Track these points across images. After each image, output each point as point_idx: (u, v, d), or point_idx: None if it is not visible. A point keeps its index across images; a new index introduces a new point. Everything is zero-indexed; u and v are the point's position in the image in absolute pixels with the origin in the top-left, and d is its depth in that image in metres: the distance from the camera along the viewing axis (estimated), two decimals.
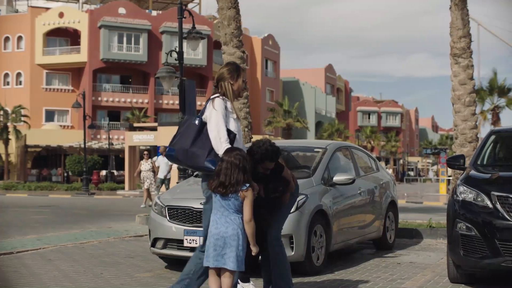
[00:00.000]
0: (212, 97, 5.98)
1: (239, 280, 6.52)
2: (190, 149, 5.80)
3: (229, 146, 5.73)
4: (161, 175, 22.60)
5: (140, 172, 23.29)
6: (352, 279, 8.09)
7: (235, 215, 5.56)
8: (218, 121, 5.79)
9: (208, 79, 63.04)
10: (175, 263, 9.05)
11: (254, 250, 5.63)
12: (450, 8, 14.14)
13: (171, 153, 5.90)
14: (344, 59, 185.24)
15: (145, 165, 23.33)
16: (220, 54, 18.06)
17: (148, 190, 22.79)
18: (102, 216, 19.08)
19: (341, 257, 9.86)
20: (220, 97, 5.94)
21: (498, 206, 7.01)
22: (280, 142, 15.18)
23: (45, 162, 56.89)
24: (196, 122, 5.90)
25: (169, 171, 22.71)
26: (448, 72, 14.15)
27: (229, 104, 5.93)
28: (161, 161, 22.78)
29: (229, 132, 5.82)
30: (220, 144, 5.73)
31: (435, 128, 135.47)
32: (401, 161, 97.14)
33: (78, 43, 60.10)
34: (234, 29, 15.65)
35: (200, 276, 6.01)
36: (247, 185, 5.55)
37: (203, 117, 5.90)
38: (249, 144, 6.66)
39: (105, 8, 60.43)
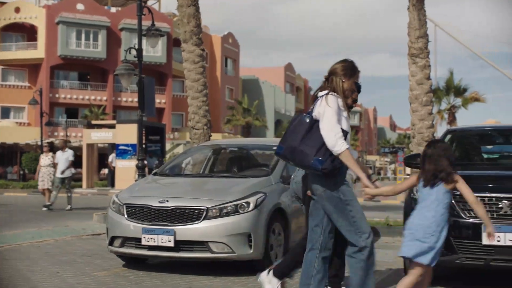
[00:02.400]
0: (322, 93, 5.69)
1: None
2: (298, 147, 5.51)
3: (345, 142, 5.50)
4: (58, 173, 20.36)
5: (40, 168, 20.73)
6: None
7: (441, 207, 5.52)
8: (331, 118, 5.51)
9: (167, 77, 62.74)
10: (133, 262, 8.99)
11: (490, 231, 5.50)
12: (408, 8, 14.29)
13: (279, 151, 5.64)
14: (304, 58, 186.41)
15: (44, 159, 20.70)
16: (179, 51, 17.98)
17: (49, 189, 20.49)
18: (59, 214, 18.86)
19: None
20: (333, 93, 5.67)
21: (454, 204, 7.11)
22: (239, 140, 15.19)
23: (1, 159, 55.99)
24: (307, 119, 5.61)
25: (68, 167, 20.52)
26: (406, 72, 14.32)
27: (340, 101, 5.64)
28: (60, 157, 20.51)
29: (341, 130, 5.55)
30: (336, 141, 5.44)
31: (393, 127, 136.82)
32: (359, 160, 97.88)
33: (35, 39, 59.27)
34: (193, 26, 15.61)
35: (370, 274, 5.84)
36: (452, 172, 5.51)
37: (314, 114, 5.62)
38: (209, 143, 6.68)
39: (63, 3, 59.70)
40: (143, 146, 17.40)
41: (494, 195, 7.00)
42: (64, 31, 58.27)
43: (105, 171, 47.34)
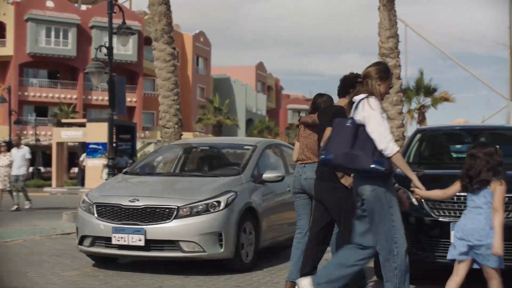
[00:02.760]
0: (359, 97, 5.70)
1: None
2: (351, 152, 5.50)
3: (395, 144, 5.56)
4: (14, 170, 19.51)
5: None
6: (281, 276, 8.14)
7: (489, 207, 5.46)
8: (380, 120, 5.54)
9: (138, 75, 62.43)
10: (103, 261, 8.94)
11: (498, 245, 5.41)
12: (378, 8, 14.39)
13: (328, 157, 5.57)
14: (275, 57, 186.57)
15: (3, 159, 19.57)
16: (151, 50, 17.90)
17: (10, 190, 19.65)
18: (28, 213, 18.66)
19: (270, 254, 9.91)
20: (373, 97, 5.66)
21: (423, 203, 7.18)
22: (210, 139, 15.18)
23: None
24: (350, 124, 5.59)
25: (24, 165, 19.69)
26: None
27: (380, 104, 5.66)
28: (15, 154, 19.68)
29: None
30: (387, 144, 5.48)
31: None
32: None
33: (4, 36, 58.55)
34: (164, 25, 15.56)
35: (405, 277, 5.79)
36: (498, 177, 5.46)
37: (357, 118, 5.59)
38: (180, 142, 6.67)
39: (32, 0, 59.06)
40: (114, 145, 17.29)
41: (462, 194, 7.05)
42: (33, 28, 57.69)
43: (75, 170, 46.98)
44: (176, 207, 8.02)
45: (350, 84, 6.42)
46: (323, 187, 6.41)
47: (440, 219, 7.05)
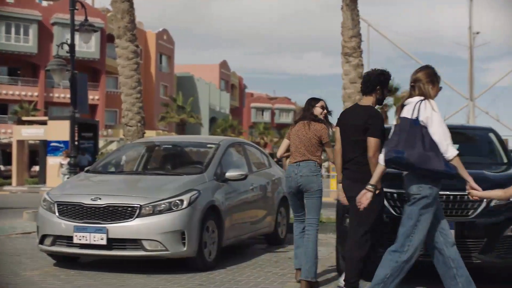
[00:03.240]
0: (414, 100, 5.86)
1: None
2: (426, 152, 5.63)
3: (454, 147, 5.73)
4: None
5: None
6: (243, 274, 8.15)
7: None
8: (441, 123, 5.73)
9: (101, 73, 61.88)
10: (64, 261, 8.84)
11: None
12: (341, 8, 14.47)
13: (401, 155, 5.66)
14: (239, 55, 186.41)
15: None
16: (113, 47, 17.76)
17: None
18: None
19: (233, 252, 9.92)
20: (430, 99, 5.84)
21: (385, 201, 7.23)
22: (173, 137, 15.11)
23: None
24: (416, 124, 5.72)
25: None
26: (340, 71, 14.48)
27: None
28: None
29: None
30: (447, 147, 5.69)
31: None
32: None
33: None
34: (127, 22, 15.46)
35: (395, 278, 5.89)
36: None
37: (421, 119, 5.72)
38: (142, 140, 6.67)
39: None
40: (76, 143, 17.13)
41: None
42: None
43: (36, 168, 46.40)
44: (138, 205, 7.98)
45: (378, 81, 6.56)
46: (357, 188, 6.27)
47: (401, 217, 7.10)
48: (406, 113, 5.84)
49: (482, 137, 9.41)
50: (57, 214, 8.26)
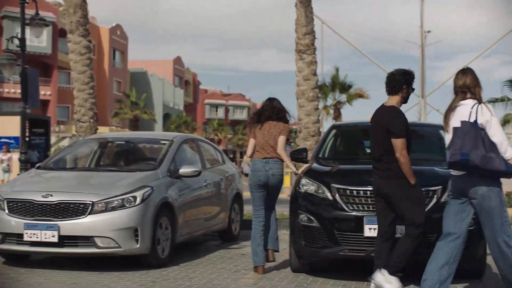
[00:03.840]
0: (471, 102, 6.12)
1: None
2: (487, 154, 5.91)
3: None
4: None
5: None
6: (197, 271, 8.14)
7: None
8: (499, 126, 6.11)
9: (53, 68, 60.97)
10: (14, 259, 8.69)
11: None
12: (295, 5, 14.52)
13: (466, 157, 5.91)
14: (193, 51, 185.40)
15: None
16: (66, 42, 17.52)
17: None
18: None
19: (187, 249, 9.89)
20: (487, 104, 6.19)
21: (338, 197, 7.31)
22: (126, 134, 14.99)
23: None
24: (476, 127, 5.99)
25: None
26: (294, 68, 14.53)
27: None
28: None
29: None
30: (506, 148, 6.00)
31: None
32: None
33: None
34: (80, 17, 15.25)
35: (456, 260, 6.22)
36: None
37: (480, 122, 5.99)
38: (95, 136, 6.61)
39: None
40: (27, 139, 16.87)
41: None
42: None
43: None
44: (90, 202, 7.90)
45: (404, 80, 6.77)
46: (389, 185, 6.55)
47: (354, 213, 7.20)
48: (461, 116, 6.10)
49: (433, 134, 9.55)
50: (6, 211, 8.12)
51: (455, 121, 6.13)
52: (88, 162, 10.25)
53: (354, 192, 7.27)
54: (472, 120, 6.03)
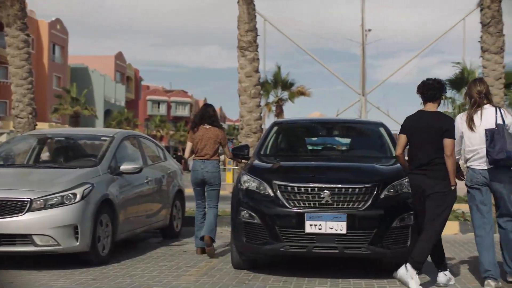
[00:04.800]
0: (492, 107, 7.17)
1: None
2: None
3: None
4: None
5: None
6: (138, 268, 8.09)
7: None
8: None
9: None
10: None
11: None
12: (238, 2, 14.53)
13: (510, 155, 6.81)
14: (135, 47, 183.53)
15: None
16: (3, 36, 17.14)
17: None
18: None
19: (128, 246, 9.81)
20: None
21: (279, 194, 7.35)
22: (66, 130, 14.77)
23: None
24: (505, 128, 6.96)
25: None
26: (237, 65, 14.52)
27: None
28: None
29: None
30: None
31: (223, 118, 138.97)
32: None
33: None
34: (17, 10, 14.95)
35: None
36: None
37: (507, 123, 7.00)
38: (34, 132, 6.49)
39: None
40: None
41: (316, 185, 7.32)
42: None
43: None
44: (29, 199, 7.76)
45: (443, 89, 7.30)
46: (439, 186, 6.89)
47: (295, 210, 7.25)
48: (490, 118, 7.03)
49: (373, 131, 9.70)
50: None
51: (486, 123, 6.99)
52: (26, 158, 10.06)
53: (296, 188, 7.33)
54: (499, 122, 6.97)
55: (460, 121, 7.17)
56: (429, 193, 6.88)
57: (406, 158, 7.27)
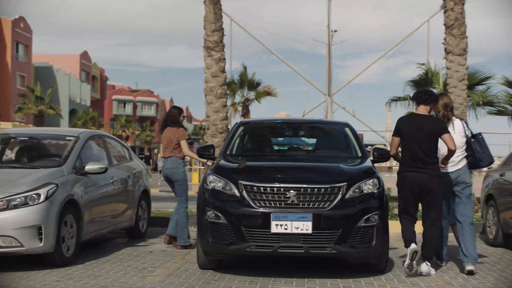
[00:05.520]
0: (457, 119, 8.34)
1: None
2: None
3: None
4: None
5: None
6: (103, 269, 8.03)
7: None
8: None
9: None
10: None
11: None
12: (204, 2, 14.50)
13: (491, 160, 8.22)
14: (101, 46, 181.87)
15: None
16: None
17: None
18: None
19: (93, 247, 9.74)
20: None
21: (245, 194, 7.36)
22: (30, 129, 14.60)
23: None
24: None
25: None
26: (203, 65, 14.49)
27: None
28: None
29: None
30: None
31: (190, 118, 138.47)
32: (155, 151, 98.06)
33: None
34: None
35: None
36: None
37: (468, 133, 8.18)
38: None
39: None
40: None
41: (282, 185, 7.34)
42: None
43: None
44: None
45: (436, 98, 8.22)
46: (438, 182, 7.82)
47: (261, 210, 7.26)
48: (461, 129, 8.21)
49: (338, 131, 9.75)
50: None
51: (460, 134, 8.14)
52: None
53: (261, 188, 7.34)
54: (468, 132, 8.24)
55: None
56: (426, 189, 7.75)
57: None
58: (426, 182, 7.74)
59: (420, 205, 8.07)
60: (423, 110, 7.98)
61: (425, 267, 7.73)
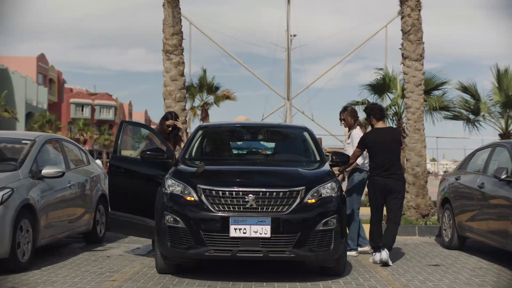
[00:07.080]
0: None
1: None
2: None
3: None
4: None
5: None
6: (60, 274, 7.94)
7: None
8: None
9: None
10: None
11: None
12: (163, 5, 14.45)
13: None
14: (58, 49, 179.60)
15: None
16: None
17: None
18: None
19: (50, 252, 9.62)
20: None
21: (204, 198, 7.35)
22: None
23: None
24: None
25: None
26: (162, 68, 14.43)
27: None
28: None
29: None
30: None
31: (148, 122, 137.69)
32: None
33: None
34: None
35: None
36: None
37: None
38: None
39: None
40: None
41: (241, 189, 7.35)
42: None
43: None
44: None
45: (384, 111, 9.66)
46: (402, 186, 9.15)
47: (220, 214, 7.26)
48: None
49: (297, 135, 9.80)
50: None
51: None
52: None
53: (220, 192, 7.34)
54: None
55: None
56: (393, 191, 8.95)
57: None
58: (391, 185, 8.97)
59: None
60: (382, 124, 9.33)
61: (385, 254, 8.82)
